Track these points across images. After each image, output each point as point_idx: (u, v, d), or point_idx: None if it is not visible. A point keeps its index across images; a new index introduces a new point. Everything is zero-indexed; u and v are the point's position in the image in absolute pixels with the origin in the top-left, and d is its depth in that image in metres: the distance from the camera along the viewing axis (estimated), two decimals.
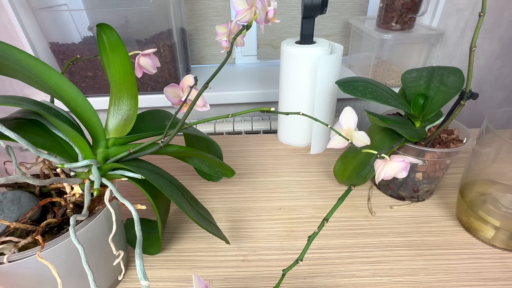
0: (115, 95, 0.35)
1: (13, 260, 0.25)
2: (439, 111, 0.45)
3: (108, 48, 0.35)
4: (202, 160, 0.41)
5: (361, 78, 0.46)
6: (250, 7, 0.34)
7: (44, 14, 0.67)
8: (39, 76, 0.30)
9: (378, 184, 0.51)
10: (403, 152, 0.43)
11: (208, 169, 0.42)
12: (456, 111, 0.37)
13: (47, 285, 0.28)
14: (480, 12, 0.29)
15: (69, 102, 0.32)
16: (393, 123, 0.42)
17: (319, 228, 0.26)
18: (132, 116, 0.35)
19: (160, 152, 0.35)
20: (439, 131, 0.42)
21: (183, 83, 0.37)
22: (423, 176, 0.44)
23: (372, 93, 0.42)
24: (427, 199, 0.48)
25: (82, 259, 0.24)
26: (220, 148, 0.51)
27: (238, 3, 0.33)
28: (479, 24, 0.30)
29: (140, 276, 0.23)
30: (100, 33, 0.35)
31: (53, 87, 0.31)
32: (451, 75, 0.46)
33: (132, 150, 0.33)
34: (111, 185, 0.30)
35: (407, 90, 0.47)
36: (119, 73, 0.35)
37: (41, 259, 0.24)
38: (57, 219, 0.30)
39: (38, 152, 0.28)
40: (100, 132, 0.34)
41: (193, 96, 0.36)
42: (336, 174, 0.48)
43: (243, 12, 0.34)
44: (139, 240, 0.26)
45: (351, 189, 0.27)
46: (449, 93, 0.44)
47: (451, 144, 0.44)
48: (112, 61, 0.35)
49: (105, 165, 0.34)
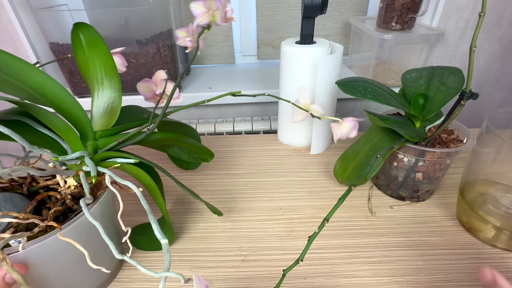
0: (97, 90, 0.36)
1: (27, 246, 0.26)
2: (439, 111, 0.45)
3: (86, 45, 0.36)
4: (182, 148, 0.43)
5: (361, 78, 0.46)
6: (207, 10, 0.37)
7: (44, 14, 0.67)
8: (18, 76, 0.29)
9: (378, 185, 0.51)
10: (403, 152, 0.43)
11: (187, 156, 0.43)
12: (456, 111, 0.37)
13: (57, 272, 0.30)
14: (480, 12, 0.29)
15: (52, 100, 0.32)
16: (393, 123, 0.42)
17: (320, 229, 0.26)
18: (117, 109, 0.37)
19: (145, 141, 0.37)
20: (439, 131, 0.42)
21: (156, 77, 0.40)
22: (423, 176, 0.44)
23: (372, 93, 0.42)
24: (427, 199, 0.48)
25: (101, 233, 0.26)
26: (197, 132, 0.53)
27: (196, 7, 0.37)
28: (479, 24, 0.30)
29: (159, 236, 0.25)
30: (76, 32, 0.36)
31: (35, 86, 0.31)
32: (451, 75, 0.46)
33: (120, 140, 0.35)
34: (108, 171, 0.31)
35: (407, 90, 0.47)
36: (101, 68, 0.36)
37: (63, 238, 0.26)
38: (62, 208, 0.31)
39: (32, 148, 0.29)
40: (88, 125, 0.35)
41: (169, 89, 0.40)
42: (336, 174, 0.48)
43: (202, 15, 0.37)
44: (149, 210, 0.28)
45: (351, 189, 0.27)
46: (449, 93, 0.44)
47: (451, 144, 0.43)
48: (91, 57, 0.36)
49: (97, 156, 0.34)
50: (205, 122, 0.78)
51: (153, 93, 0.41)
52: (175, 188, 0.52)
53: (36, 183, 0.33)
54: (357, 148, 0.46)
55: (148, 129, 0.35)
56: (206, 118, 0.82)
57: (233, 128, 0.76)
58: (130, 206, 0.47)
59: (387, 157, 0.42)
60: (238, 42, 0.84)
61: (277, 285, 0.26)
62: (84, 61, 0.36)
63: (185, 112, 0.81)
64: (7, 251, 0.26)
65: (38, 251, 0.27)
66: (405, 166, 0.44)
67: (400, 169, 0.45)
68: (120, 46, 0.42)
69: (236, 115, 0.82)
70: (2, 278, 0.25)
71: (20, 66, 0.30)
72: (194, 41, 0.40)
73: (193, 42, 0.40)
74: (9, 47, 0.69)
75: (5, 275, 0.25)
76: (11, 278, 0.26)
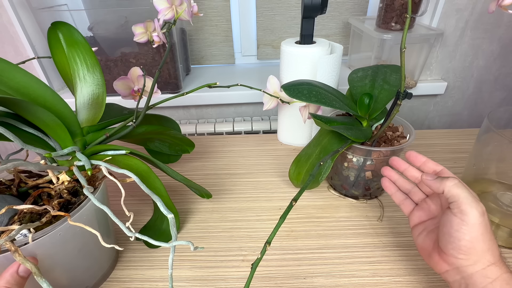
0: (80, 87, 0.36)
1: (37, 237, 0.27)
2: (385, 108, 0.46)
3: (65, 44, 0.36)
4: (163, 141, 0.43)
5: (306, 81, 0.46)
6: (170, 5, 0.37)
7: (44, 14, 0.67)
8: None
9: (333, 185, 0.51)
10: (351, 152, 0.43)
11: (168, 149, 0.44)
12: (394, 110, 0.38)
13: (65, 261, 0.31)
14: (406, 14, 0.29)
15: (36, 99, 0.32)
16: (340, 124, 0.42)
17: (262, 254, 0.26)
18: (101, 105, 0.37)
19: (130, 135, 0.38)
20: (381, 131, 0.42)
21: (132, 74, 0.41)
22: (372, 174, 0.44)
23: (316, 96, 0.42)
24: (380, 196, 0.49)
25: (110, 215, 0.28)
26: (177, 123, 0.54)
27: (159, 2, 0.38)
28: (406, 26, 0.31)
29: (165, 212, 0.27)
30: (54, 31, 0.36)
31: (16, 86, 0.31)
32: (393, 74, 0.47)
33: (108, 134, 0.36)
34: (103, 163, 0.32)
35: (353, 90, 0.47)
36: (83, 66, 0.36)
37: (74, 223, 0.27)
38: (63, 199, 0.31)
39: (24, 146, 0.29)
40: (75, 121, 0.35)
41: (148, 84, 0.41)
42: (292, 178, 0.48)
43: (165, 10, 0.38)
44: (149, 191, 0.29)
45: (292, 205, 0.28)
46: (392, 91, 0.44)
47: (396, 142, 0.44)
48: (72, 56, 0.36)
49: (87, 150, 0.35)
50: (205, 122, 0.78)
51: (131, 90, 0.42)
52: (171, 189, 0.52)
53: (25, 184, 0.34)
54: (309, 151, 0.46)
55: (134, 122, 0.36)
56: (206, 118, 0.82)
57: (233, 128, 0.76)
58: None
59: (337, 158, 0.43)
60: (238, 42, 0.84)
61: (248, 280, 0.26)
62: (63, 60, 0.36)
63: (185, 112, 0.81)
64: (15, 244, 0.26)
65: (47, 242, 0.27)
66: (355, 166, 0.45)
67: (351, 169, 0.45)
68: (120, 46, 0.43)
69: (236, 115, 0.82)
70: (15, 272, 0.25)
71: (0, 65, 0.30)
72: (162, 37, 0.41)
73: (161, 37, 0.41)
74: (9, 47, 0.69)
75: (18, 269, 0.25)
76: (25, 271, 0.26)
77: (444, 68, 0.76)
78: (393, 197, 0.37)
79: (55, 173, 0.33)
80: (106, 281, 0.37)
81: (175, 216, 0.39)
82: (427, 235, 0.32)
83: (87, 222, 0.28)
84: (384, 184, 0.38)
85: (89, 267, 0.34)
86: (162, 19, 0.39)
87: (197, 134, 0.76)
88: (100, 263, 0.36)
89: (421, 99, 0.81)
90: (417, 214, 0.34)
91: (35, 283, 0.24)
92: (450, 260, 0.28)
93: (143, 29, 0.40)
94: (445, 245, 0.28)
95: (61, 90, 0.76)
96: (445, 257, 0.29)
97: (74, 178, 0.33)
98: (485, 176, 0.41)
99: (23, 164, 0.28)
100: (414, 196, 0.36)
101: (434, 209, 0.33)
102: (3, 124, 0.32)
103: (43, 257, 0.28)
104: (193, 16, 0.41)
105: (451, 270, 0.28)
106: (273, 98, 0.52)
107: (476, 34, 0.71)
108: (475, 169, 0.41)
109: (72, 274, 0.32)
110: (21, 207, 0.28)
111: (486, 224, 0.27)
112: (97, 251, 0.34)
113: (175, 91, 0.73)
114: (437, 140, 0.63)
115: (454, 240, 0.27)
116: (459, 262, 0.27)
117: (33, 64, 0.70)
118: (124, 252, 0.41)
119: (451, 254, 0.28)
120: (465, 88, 0.80)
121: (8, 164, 0.27)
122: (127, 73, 0.41)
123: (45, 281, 0.24)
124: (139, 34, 0.40)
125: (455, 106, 0.83)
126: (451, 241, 0.27)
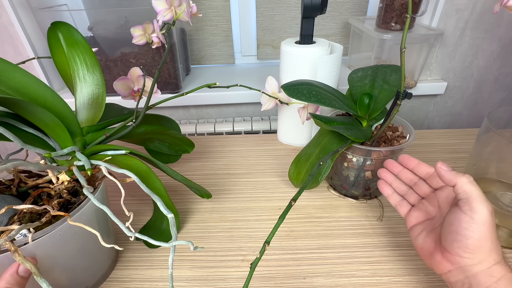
0: (80, 87, 0.36)
1: (37, 237, 0.27)
2: (385, 108, 0.46)
3: (65, 44, 0.36)
4: (163, 141, 0.43)
5: (306, 81, 0.46)
6: (169, 7, 0.38)
7: (44, 14, 0.67)
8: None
9: (333, 185, 0.51)
10: (351, 152, 0.43)
11: (168, 149, 0.44)
12: (394, 110, 0.37)
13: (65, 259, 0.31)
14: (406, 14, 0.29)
15: (36, 99, 0.32)
16: (340, 124, 0.42)
17: (261, 254, 0.26)
18: (101, 105, 0.37)
19: (129, 135, 0.38)
20: (381, 131, 0.42)
21: (131, 74, 0.41)
22: (372, 174, 0.44)
23: (316, 96, 0.42)
24: (380, 196, 0.49)
25: (109, 215, 0.28)
26: (176, 123, 0.54)
27: (158, 4, 0.38)
28: (406, 26, 0.31)
29: (165, 212, 0.27)
30: (54, 31, 0.36)
31: (16, 86, 0.30)
32: (393, 73, 0.47)
33: (108, 134, 0.36)
34: (103, 163, 0.32)
35: (353, 90, 0.47)
36: (83, 66, 0.36)
37: (73, 223, 0.27)
38: (63, 199, 0.31)
39: (24, 146, 0.29)
40: (74, 121, 0.35)
41: (148, 84, 0.41)
42: (291, 178, 0.48)
43: (164, 11, 0.38)
44: (149, 191, 0.29)
45: (291, 205, 0.28)
46: (392, 91, 0.44)
47: (395, 142, 0.44)
48: (72, 56, 0.36)
49: (87, 150, 0.35)
50: (205, 122, 0.78)
51: (130, 90, 0.42)
52: (171, 189, 0.52)
53: (24, 184, 0.34)
54: (309, 151, 0.46)
55: (134, 122, 0.36)
56: (206, 118, 0.82)
57: (233, 128, 0.76)
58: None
59: (337, 158, 0.43)
60: (238, 42, 0.84)
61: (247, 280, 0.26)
62: (63, 60, 0.36)
63: (185, 112, 0.81)
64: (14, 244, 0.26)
65: (47, 242, 0.27)
66: (354, 166, 0.45)
67: (350, 169, 0.45)
68: (120, 46, 0.43)
69: (236, 115, 0.82)
70: (15, 272, 0.25)
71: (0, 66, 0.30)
72: (161, 38, 0.41)
73: (160, 39, 0.41)
74: (9, 47, 0.69)
75: (18, 269, 0.25)
76: (25, 272, 0.26)
77: (444, 68, 0.76)
78: (389, 198, 0.37)
79: (55, 173, 0.33)
80: (106, 281, 0.37)
81: (175, 216, 0.39)
82: (427, 235, 0.32)
83: (86, 222, 0.28)
84: (380, 186, 0.38)
85: (88, 267, 0.34)
86: (161, 20, 0.39)
87: (197, 134, 0.76)
88: (100, 263, 0.36)
89: (421, 99, 0.82)
90: (414, 215, 0.34)
91: (35, 283, 0.24)
92: (455, 259, 0.28)
93: (142, 31, 0.40)
94: (450, 243, 0.28)
95: (61, 90, 0.76)
96: (448, 257, 0.28)
97: (74, 178, 0.33)
98: (485, 176, 0.41)
99: (23, 164, 0.28)
100: (410, 197, 0.36)
101: (431, 210, 0.33)
102: (3, 124, 0.32)
103: (43, 257, 0.28)
104: (192, 16, 0.41)
105: (454, 270, 0.28)
106: (271, 99, 0.52)
107: (476, 34, 0.71)
108: (475, 169, 0.41)
109: (72, 274, 0.32)
110: (21, 207, 0.28)
111: (493, 223, 0.27)
112: (97, 251, 0.34)
113: (175, 91, 0.73)
114: (437, 140, 0.63)
115: (462, 238, 0.27)
116: (464, 261, 0.27)
117: (33, 64, 0.70)
118: (124, 252, 0.41)
119: (456, 253, 0.27)
120: (465, 88, 0.80)
121: (8, 164, 0.27)
122: (127, 73, 0.41)
123: (45, 281, 0.24)
124: (138, 36, 0.40)
125: (455, 106, 0.83)
126: (458, 239, 0.27)
